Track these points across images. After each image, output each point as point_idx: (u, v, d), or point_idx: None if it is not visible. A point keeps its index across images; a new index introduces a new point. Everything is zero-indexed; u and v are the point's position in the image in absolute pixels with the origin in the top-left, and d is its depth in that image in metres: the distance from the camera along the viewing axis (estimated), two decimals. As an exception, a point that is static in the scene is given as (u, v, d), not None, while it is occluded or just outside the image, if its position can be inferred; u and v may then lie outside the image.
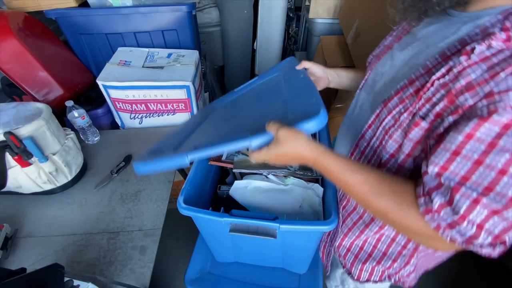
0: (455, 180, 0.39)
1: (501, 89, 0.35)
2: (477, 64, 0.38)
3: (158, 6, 1.14)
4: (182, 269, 0.89)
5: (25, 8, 1.11)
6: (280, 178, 0.83)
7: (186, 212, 0.66)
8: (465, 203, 0.37)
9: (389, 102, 0.50)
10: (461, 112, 0.39)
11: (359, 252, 0.67)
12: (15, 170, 0.77)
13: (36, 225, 0.80)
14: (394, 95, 0.50)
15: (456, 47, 0.44)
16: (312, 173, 0.85)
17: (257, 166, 0.87)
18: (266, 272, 0.87)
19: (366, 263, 0.66)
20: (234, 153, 0.92)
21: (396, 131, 0.49)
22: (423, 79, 0.46)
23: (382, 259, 0.64)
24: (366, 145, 0.57)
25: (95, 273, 0.69)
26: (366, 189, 0.48)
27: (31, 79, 1.03)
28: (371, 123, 0.55)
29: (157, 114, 1.13)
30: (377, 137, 0.54)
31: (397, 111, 0.49)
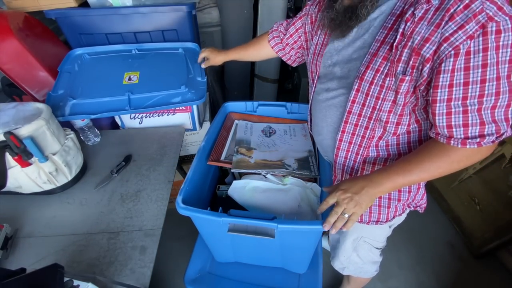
0: (459, 106, 0.51)
1: (450, 32, 0.48)
2: (419, 24, 0.52)
3: (158, 6, 1.14)
4: (182, 269, 0.89)
5: (25, 8, 1.11)
6: (278, 178, 0.83)
7: (184, 212, 0.66)
8: (475, 115, 0.51)
9: (364, 75, 0.61)
10: (430, 57, 0.51)
11: (380, 201, 0.75)
12: (15, 170, 0.77)
13: (36, 225, 0.80)
14: (366, 69, 0.61)
15: (392, 19, 0.57)
16: (310, 173, 0.85)
17: (255, 166, 0.87)
18: (266, 272, 0.87)
19: (390, 206, 0.75)
20: (233, 153, 0.92)
21: (387, 93, 0.60)
22: (384, 49, 0.58)
23: (400, 195, 0.73)
24: (358, 116, 0.66)
25: (95, 273, 0.70)
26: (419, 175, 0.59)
27: (31, 79, 1.03)
28: (354, 98, 0.64)
29: (157, 114, 1.13)
30: (368, 105, 0.63)
31: (377, 79, 0.59)
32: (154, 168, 0.97)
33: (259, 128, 1.08)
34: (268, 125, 1.09)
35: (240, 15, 1.90)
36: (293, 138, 1.03)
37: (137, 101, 1.04)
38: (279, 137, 1.04)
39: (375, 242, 0.87)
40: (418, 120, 0.63)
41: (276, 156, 0.94)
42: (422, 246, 1.50)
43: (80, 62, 1.15)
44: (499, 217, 1.31)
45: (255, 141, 1.01)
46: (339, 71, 0.68)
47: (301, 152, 0.96)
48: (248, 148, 0.97)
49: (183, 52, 1.21)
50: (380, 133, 0.66)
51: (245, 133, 1.04)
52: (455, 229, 1.56)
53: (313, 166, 0.90)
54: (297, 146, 0.99)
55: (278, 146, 1.00)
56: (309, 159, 0.93)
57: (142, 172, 0.96)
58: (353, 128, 0.68)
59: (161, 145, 1.06)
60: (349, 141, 0.70)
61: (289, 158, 0.93)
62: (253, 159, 0.92)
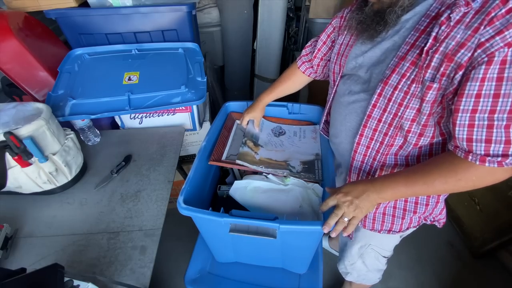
0: (485, 119, 0.47)
1: (487, 37, 0.45)
2: (455, 27, 0.48)
3: (158, 6, 1.14)
4: (182, 269, 0.89)
5: (25, 8, 1.11)
6: (280, 178, 0.83)
7: (186, 212, 0.66)
8: (501, 131, 0.47)
9: (389, 80, 0.58)
10: (464, 64, 0.47)
11: (394, 211, 0.73)
12: (15, 170, 0.77)
13: (36, 225, 0.80)
14: (391, 73, 0.58)
15: (425, 21, 0.54)
16: (315, 177, 0.85)
17: (259, 162, 0.88)
18: (266, 272, 0.87)
19: (404, 217, 0.73)
20: (240, 144, 0.94)
21: (411, 100, 0.56)
22: (413, 53, 0.55)
23: (417, 208, 0.71)
24: (377, 122, 0.63)
25: (95, 273, 0.69)
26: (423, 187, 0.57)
27: (31, 79, 1.03)
28: (375, 102, 0.62)
29: (157, 114, 1.13)
30: (389, 111, 0.60)
31: (402, 84, 0.56)
32: (154, 168, 0.97)
33: (269, 127, 1.07)
34: (279, 125, 1.08)
35: (240, 15, 1.91)
36: (302, 140, 1.02)
37: (137, 101, 1.04)
38: (288, 138, 1.03)
39: (382, 251, 0.85)
40: (443, 133, 0.59)
41: (281, 157, 0.94)
42: (422, 246, 1.50)
43: (80, 62, 1.15)
44: (499, 217, 1.31)
45: (263, 139, 1.01)
46: (363, 73, 0.66)
47: (308, 155, 0.95)
48: (255, 144, 0.96)
49: (183, 52, 1.21)
50: (401, 143, 0.63)
51: (255, 128, 1.03)
52: (455, 229, 1.57)
53: (318, 170, 0.89)
54: (305, 149, 0.98)
55: (286, 146, 0.99)
56: (315, 162, 0.92)
57: (142, 172, 0.96)
58: (372, 133, 0.65)
59: (161, 145, 1.06)
60: (366, 145, 0.68)
61: (294, 159, 0.92)
62: (259, 155, 0.92)
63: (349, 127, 0.71)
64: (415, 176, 0.58)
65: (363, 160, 0.70)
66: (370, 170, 0.71)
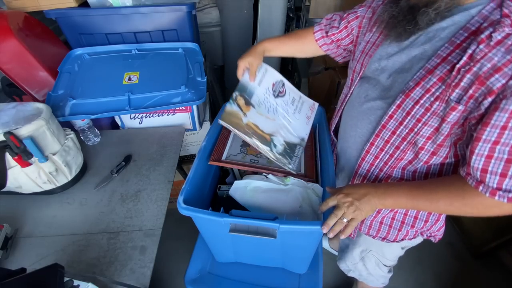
0: (505, 152, 0.45)
1: None
2: (495, 49, 0.44)
3: (158, 6, 1.14)
4: (182, 269, 0.89)
5: (25, 8, 1.11)
6: (279, 178, 0.83)
7: (186, 212, 0.66)
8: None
9: (411, 92, 0.54)
10: (496, 91, 0.43)
11: (392, 222, 0.73)
12: (15, 170, 0.77)
13: (36, 225, 0.80)
14: (415, 85, 0.54)
15: (463, 35, 0.49)
16: (289, 164, 0.82)
17: (245, 128, 0.80)
18: (266, 272, 0.87)
19: (401, 229, 0.72)
20: (229, 100, 0.82)
21: (431, 118, 0.53)
22: (443, 68, 0.50)
23: (415, 222, 0.70)
24: (391, 134, 0.61)
25: (95, 273, 0.69)
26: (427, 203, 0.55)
27: (31, 79, 1.03)
28: (392, 114, 0.59)
29: (157, 114, 1.13)
30: (406, 125, 0.57)
31: (425, 100, 0.53)
32: (154, 168, 0.97)
33: (272, 79, 0.91)
34: (282, 80, 0.93)
35: (240, 15, 1.91)
36: (296, 114, 0.91)
37: (137, 101, 1.04)
38: (284, 105, 0.90)
39: (383, 259, 0.85)
40: (457, 155, 0.57)
41: (269, 127, 0.84)
42: (422, 246, 1.49)
43: (80, 62, 1.15)
44: (499, 217, 1.31)
45: (258, 96, 0.87)
46: (384, 79, 0.62)
47: (294, 136, 0.87)
48: (247, 102, 0.85)
49: (183, 52, 1.21)
50: (411, 158, 0.61)
51: (255, 79, 0.88)
52: (455, 229, 1.57)
53: (296, 159, 0.82)
54: (295, 127, 0.88)
55: (277, 115, 0.88)
56: (297, 148, 0.85)
57: (142, 172, 0.96)
58: (383, 144, 0.63)
59: (161, 145, 1.06)
60: (375, 155, 0.66)
61: (279, 136, 0.84)
62: (247, 118, 0.82)
63: (359, 133, 0.68)
64: (419, 191, 0.56)
65: (369, 169, 0.68)
66: (374, 180, 0.69)
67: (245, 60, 0.83)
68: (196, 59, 1.18)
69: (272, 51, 0.87)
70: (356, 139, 0.70)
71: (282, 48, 0.87)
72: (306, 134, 0.90)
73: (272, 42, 0.87)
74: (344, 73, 1.48)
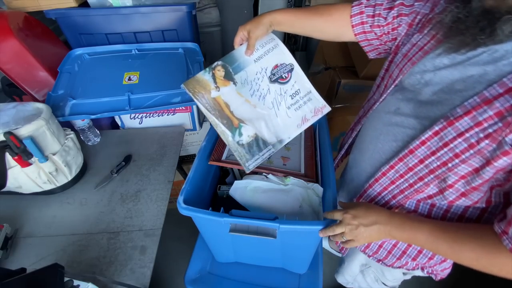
0: None
1: None
2: None
3: (158, 6, 1.14)
4: (182, 269, 0.89)
5: (25, 8, 1.11)
6: (279, 178, 0.83)
7: (186, 212, 0.66)
8: None
9: (457, 121, 0.44)
10: None
11: (392, 248, 0.67)
12: (15, 170, 0.77)
13: (36, 225, 0.80)
14: (464, 114, 0.44)
15: None
16: (245, 160, 0.75)
17: (210, 105, 0.70)
18: (266, 272, 0.87)
19: (400, 258, 0.66)
20: (206, 68, 0.73)
21: (473, 157, 0.44)
22: (505, 101, 0.40)
23: (418, 256, 0.64)
24: (418, 162, 0.51)
25: (95, 273, 0.69)
26: (446, 246, 0.48)
27: (31, 79, 1.03)
28: (426, 140, 0.49)
29: (157, 114, 1.13)
30: (439, 157, 0.48)
31: (471, 134, 0.43)
32: (154, 168, 0.97)
33: (276, 60, 0.74)
34: (292, 65, 0.75)
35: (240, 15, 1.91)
36: (290, 111, 0.75)
37: (137, 101, 1.04)
38: (279, 94, 0.74)
39: (383, 278, 0.81)
40: (490, 201, 0.48)
41: (243, 112, 0.71)
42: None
43: (80, 62, 1.15)
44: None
45: (247, 74, 0.73)
46: (425, 95, 0.51)
47: (271, 134, 0.73)
48: (228, 75, 0.71)
49: (183, 52, 1.21)
50: (433, 193, 0.53)
51: (254, 53, 0.73)
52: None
53: (259, 159, 0.72)
54: (279, 123, 0.74)
55: (262, 102, 0.73)
56: (267, 148, 0.72)
57: (142, 172, 0.96)
58: (405, 170, 0.54)
59: (161, 145, 1.06)
60: (392, 181, 0.57)
61: (251, 126, 0.71)
62: (217, 93, 0.69)
63: (379, 150, 0.60)
64: (443, 235, 0.48)
65: (380, 192, 0.61)
66: (383, 205, 0.62)
67: (245, 28, 0.70)
68: (196, 59, 1.18)
69: (282, 25, 0.69)
70: (374, 155, 0.61)
71: (296, 23, 0.69)
72: (288, 138, 0.75)
73: (285, 14, 0.68)
74: (344, 73, 1.48)
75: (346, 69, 1.53)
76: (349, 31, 0.67)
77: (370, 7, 0.64)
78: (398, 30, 0.61)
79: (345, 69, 1.53)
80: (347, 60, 1.56)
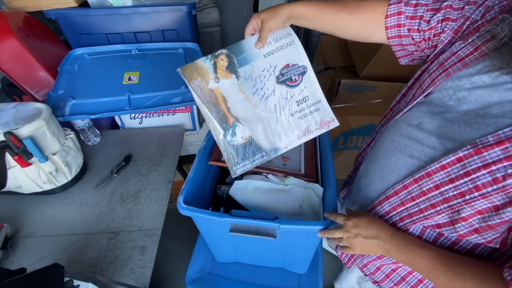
0: None
1: None
2: None
3: (158, 6, 1.14)
4: (182, 269, 0.89)
5: (25, 8, 1.11)
6: (279, 178, 0.83)
7: (186, 212, 0.66)
8: None
9: (486, 151, 0.39)
10: None
11: (391, 273, 0.64)
12: (15, 170, 0.77)
13: (36, 225, 0.80)
14: (495, 144, 0.38)
15: None
16: (229, 160, 0.70)
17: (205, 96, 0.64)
18: (266, 272, 0.87)
19: (398, 285, 0.64)
20: (208, 55, 0.68)
21: (495, 193, 0.39)
22: None
23: (418, 285, 0.60)
24: (433, 187, 0.47)
25: (95, 273, 0.69)
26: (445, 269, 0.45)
27: (31, 79, 1.03)
28: (446, 165, 0.44)
29: (157, 114, 1.13)
30: (457, 186, 0.43)
31: (499, 168, 0.38)
32: (154, 168, 0.97)
33: (289, 59, 0.67)
34: (305, 68, 0.67)
35: (240, 15, 1.90)
36: (294, 119, 0.67)
37: (137, 101, 1.04)
38: (284, 98, 0.67)
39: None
40: (505, 243, 0.42)
41: (241, 110, 0.65)
42: None
43: (80, 62, 1.14)
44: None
45: (254, 68, 0.66)
46: (455, 113, 0.45)
47: (268, 141, 0.67)
48: (231, 68, 0.65)
49: (183, 52, 1.21)
50: (443, 223, 0.48)
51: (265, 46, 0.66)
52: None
53: (248, 165, 0.66)
54: (278, 130, 0.67)
55: (264, 103, 0.66)
56: (258, 154, 0.67)
57: (142, 172, 0.96)
58: (418, 193, 0.49)
59: (161, 145, 1.06)
60: (402, 202, 0.53)
61: (247, 127, 0.65)
62: (216, 84, 0.64)
63: (392, 164, 0.55)
64: (444, 267, 0.45)
65: (388, 212, 0.56)
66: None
67: (258, 16, 0.62)
68: (196, 59, 1.18)
69: (302, 20, 0.61)
70: (386, 168, 0.57)
71: (319, 18, 0.60)
72: (285, 148, 0.68)
73: (307, 6, 0.60)
74: (344, 73, 1.48)
75: (346, 69, 1.53)
76: (381, 33, 0.59)
77: (411, 7, 0.54)
78: (441, 36, 0.52)
79: (345, 69, 1.53)
80: (347, 60, 1.56)
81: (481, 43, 0.44)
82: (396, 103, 0.67)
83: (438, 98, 0.49)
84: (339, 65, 1.56)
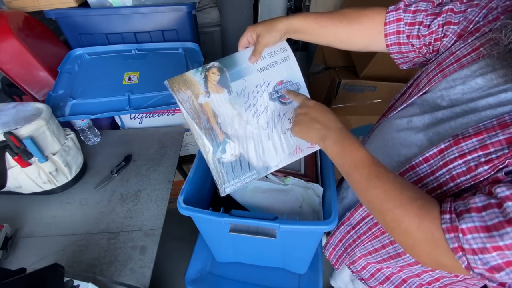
0: None
1: None
2: None
3: (158, 6, 1.14)
4: (182, 269, 0.89)
5: (25, 8, 1.11)
6: (279, 178, 0.83)
7: (186, 212, 0.66)
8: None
9: (464, 141, 0.40)
10: None
11: (376, 272, 0.64)
12: (15, 170, 0.77)
13: (36, 225, 0.80)
14: (473, 135, 0.39)
15: None
16: (218, 177, 0.69)
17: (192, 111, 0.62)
18: (266, 272, 0.87)
19: (383, 284, 0.64)
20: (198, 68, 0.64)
21: (467, 183, 0.39)
22: None
23: (402, 285, 0.60)
24: (417, 180, 0.47)
25: (95, 273, 0.69)
26: (385, 189, 0.42)
27: (31, 79, 1.03)
28: (429, 157, 0.44)
29: (157, 114, 1.13)
30: (437, 178, 0.43)
31: (473, 157, 0.38)
32: (154, 168, 0.97)
33: (283, 75, 0.65)
34: (299, 85, 0.66)
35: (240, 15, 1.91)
36: (285, 137, 0.66)
37: (137, 101, 1.04)
38: (277, 115, 0.65)
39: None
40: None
41: (232, 127, 0.63)
42: None
43: (80, 62, 1.15)
44: None
45: (246, 83, 0.64)
46: (444, 113, 0.46)
47: (259, 159, 0.66)
48: (222, 82, 0.63)
49: (183, 52, 1.21)
50: None
51: (259, 61, 0.64)
52: None
53: (238, 183, 0.66)
54: (269, 148, 0.65)
55: (256, 120, 0.64)
56: (248, 173, 0.67)
57: (142, 172, 0.96)
58: None
59: (161, 145, 1.06)
60: None
61: (238, 144, 0.64)
62: (208, 99, 0.62)
63: (380, 161, 0.53)
64: (380, 169, 0.43)
65: (365, 216, 0.59)
66: (375, 224, 0.57)
67: (254, 29, 0.60)
68: (196, 59, 1.18)
69: (300, 34, 0.60)
70: None
71: (317, 31, 0.59)
72: (276, 166, 0.67)
73: (304, 20, 0.58)
74: (344, 73, 1.48)
75: (346, 69, 1.53)
76: (381, 42, 0.58)
77: (409, 13, 0.54)
78: (443, 41, 0.51)
79: (345, 69, 1.53)
80: (347, 60, 1.56)
81: (480, 44, 0.44)
82: (394, 102, 0.67)
83: (431, 98, 0.49)
84: (339, 65, 1.56)
